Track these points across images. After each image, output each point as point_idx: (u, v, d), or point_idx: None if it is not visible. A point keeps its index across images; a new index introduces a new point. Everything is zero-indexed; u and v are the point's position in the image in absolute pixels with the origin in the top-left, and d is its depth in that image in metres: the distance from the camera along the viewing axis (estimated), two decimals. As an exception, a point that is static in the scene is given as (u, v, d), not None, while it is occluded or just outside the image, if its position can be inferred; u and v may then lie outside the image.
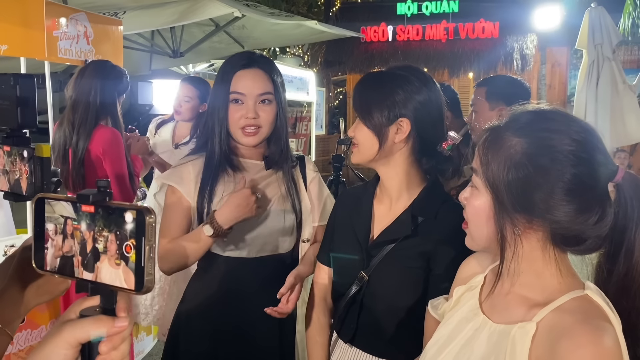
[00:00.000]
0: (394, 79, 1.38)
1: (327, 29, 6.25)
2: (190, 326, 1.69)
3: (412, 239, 1.36)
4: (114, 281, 0.61)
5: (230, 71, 1.62)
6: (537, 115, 0.95)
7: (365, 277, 1.39)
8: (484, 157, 0.94)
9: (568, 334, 0.82)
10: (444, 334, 1.05)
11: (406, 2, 10.56)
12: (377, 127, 1.36)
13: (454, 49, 9.96)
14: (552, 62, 10.04)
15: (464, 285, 1.09)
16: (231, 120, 1.61)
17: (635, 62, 9.24)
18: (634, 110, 5.68)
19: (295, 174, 1.74)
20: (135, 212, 0.59)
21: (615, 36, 5.75)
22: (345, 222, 1.50)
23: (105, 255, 0.61)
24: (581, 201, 0.88)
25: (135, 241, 0.59)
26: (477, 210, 0.96)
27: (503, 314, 0.96)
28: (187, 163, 1.67)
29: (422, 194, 1.40)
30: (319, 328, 1.53)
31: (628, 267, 0.92)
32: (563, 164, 0.88)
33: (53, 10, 3.07)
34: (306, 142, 7.06)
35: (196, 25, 5.93)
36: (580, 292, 0.90)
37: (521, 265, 0.93)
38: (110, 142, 2.65)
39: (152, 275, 0.60)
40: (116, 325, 0.61)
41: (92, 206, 0.62)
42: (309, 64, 12.57)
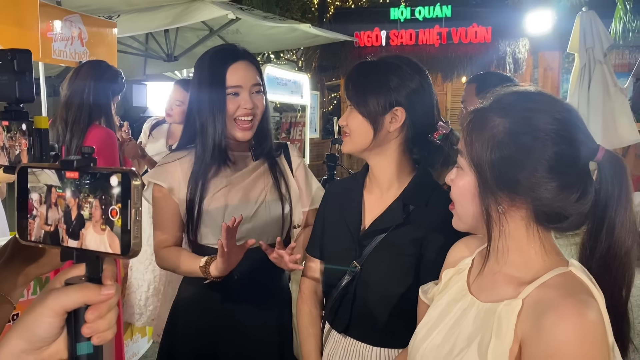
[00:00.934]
0: (388, 68, 1.39)
1: (320, 32, 6.28)
2: (186, 324, 1.68)
3: (404, 227, 1.37)
4: (100, 247, 0.60)
5: (221, 66, 1.61)
6: (520, 95, 0.97)
7: (358, 267, 1.40)
8: (468, 137, 0.96)
9: (552, 308, 0.84)
10: (433, 316, 1.06)
11: (399, 7, 10.62)
12: (372, 115, 1.36)
13: (447, 54, 10.02)
14: (544, 66, 10.11)
15: (453, 268, 1.11)
16: (228, 113, 1.60)
17: (627, 66, 9.32)
18: (626, 113, 5.73)
19: (280, 162, 1.75)
20: (121, 175, 0.58)
21: (607, 40, 5.81)
22: (335, 213, 1.51)
23: (90, 221, 0.60)
24: (562, 178, 0.90)
25: (121, 205, 0.58)
26: (462, 190, 0.99)
27: (490, 293, 0.98)
28: (175, 161, 1.66)
29: (413, 183, 1.42)
30: (311, 320, 1.54)
31: (609, 243, 0.94)
32: (544, 142, 0.90)
33: (47, 12, 3.08)
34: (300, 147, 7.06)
35: (190, 30, 5.95)
36: (565, 269, 0.92)
37: (508, 244, 0.95)
38: (104, 142, 2.63)
39: (139, 239, 0.59)
40: (103, 293, 0.60)
41: (76, 172, 0.61)
42: (303, 69, 12.61)
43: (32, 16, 2.90)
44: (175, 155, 1.68)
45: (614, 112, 5.65)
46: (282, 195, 1.68)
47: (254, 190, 1.65)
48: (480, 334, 0.93)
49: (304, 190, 1.77)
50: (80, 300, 0.59)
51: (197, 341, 1.66)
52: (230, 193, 1.62)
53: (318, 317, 1.55)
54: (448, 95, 11.51)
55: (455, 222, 1.06)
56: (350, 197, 1.48)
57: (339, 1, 13.36)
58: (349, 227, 1.44)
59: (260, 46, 7.81)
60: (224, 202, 1.61)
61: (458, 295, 1.04)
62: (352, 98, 1.40)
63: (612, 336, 0.87)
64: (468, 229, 1.04)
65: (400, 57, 1.44)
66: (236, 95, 1.60)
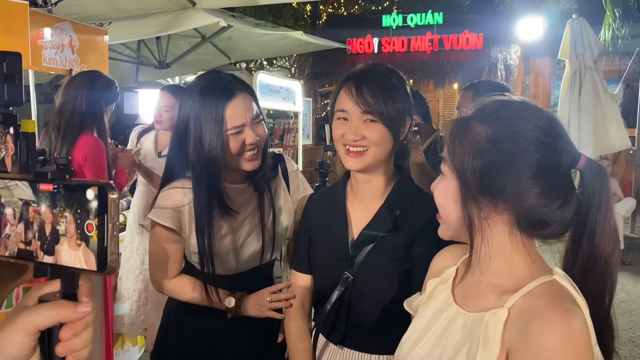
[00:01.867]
0: (395, 77, 1.39)
1: (313, 40, 6.29)
2: (178, 332, 1.68)
3: (393, 233, 1.38)
4: (75, 263, 0.58)
5: (216, 105, 1.51)
6: (503, 103, 0.99)
7: (350, 277, 1.39)
8: (451, 144, 0.97)
9: (539, 316, 0.84)
10: (419, 327, 1.06)
11: (391, 14, 10.67)
12: (396, 126, 1.36)
13: (438, 60, 10.06)
14: (535, 73, 10.18)
15: (437, 277, 1.11)
16: (233, 152, 1.53)
17: (617, 72, 9.40)
18: (616, 119, 5.77)
19: (275, 184, 1.70)
20: (97, 188, 0.56)
21: (596, 47, 5.85)
22: (321, 227, 1.49)
23: (65, 236, 0.58)
24: (544, 185, 0.91)
25: (97, 220, 0.56)
26: (444, 196, 1.00)
27: (476, 302, 0.98)
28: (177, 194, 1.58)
29: (396, 189, 1.42)
30: (300, 335, 1.52)
31: (590, 250, 0.94)
32: (526, 149, 0.91)
33: (37, 20, 3.07)
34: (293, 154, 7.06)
35: (182, 37, 5.94)
36: (549, 277, 0.92)
37: (490, 251, 0.96)
38: (93, 150, 2.64)
39: (116, 255, 0.57)
40: (78, 311, 0.57)
41: (50, 184, 0.59)
42: (296, 75, 12.63)
43: (22, 24, 2.88)
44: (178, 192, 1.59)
45: (604, 118, 5.69)
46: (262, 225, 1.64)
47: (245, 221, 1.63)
48: (467, 344, 0.93)
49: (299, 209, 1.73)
50: (54, 318, 0.57)
51: (191, 349, 1.65)
52: (236, 233, 1.62)
53: (306, 331, 1.53)
54: (440, 102, 11.56)
55: (441, 230, 1.06)
56: (333, 208, 1.47)
57: (332, 8, 13.41)
58: (337, 238, 1.44)
59: (252, 53, 7.81)
60: (233, 243, 1.61)
61: (443, 306, 1.04)
62: (376, 111, 1.33)
63: (597, 344, 0.87)
64: (453, 236, 1.04)
65: (389, 66, 1.44)
66: (239, 134, 1.53)
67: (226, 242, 1.60)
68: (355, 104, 1.34)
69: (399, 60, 10.24)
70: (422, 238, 1.34)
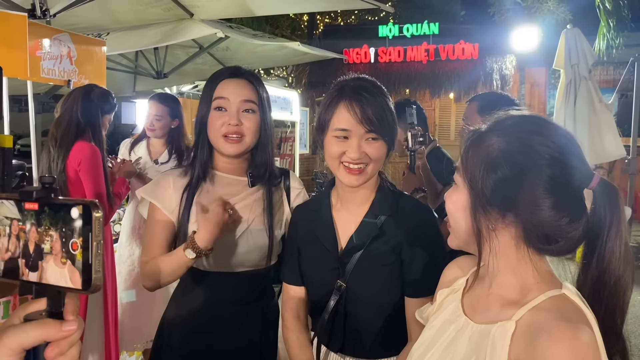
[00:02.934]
0: (383, 92, 1.42)
1: (310, 50, 6.33)
2: (172, 343, 1.68)
3: (380, 238, 1.40)
4: (60, 281, 0.58)
5: (215, 80, 1.61)
6: (521, 118, 0.99)
7: (343, 285, 1.40)
8: (464, 154, 0.99)
9: (546, 331, 0.85)
10: (428, 337, 1.07)
11: (388, 25, 10.75)
12: (393, 141, 1.41)
13: (434, 70, 10.12)
14: (530, 82, 10.24)
15: (447, 288, 1.12)
16: (212, 128, 1.57)
17: (611, 82, 9.46)
18: (611, 128, 5.80)
19: (277, 190, 1.71)
20: (82, 207, 0.57)
21: (591, 56, 5.90)
22: (309, 237, 1.50)
23: (50, 255, 0.58)
24: (553, 201, 0.91)
25: (82, 238, 0.57)
26: (455, 205, 1.01)
27: (484, 314, 0.98)
28: (168, 177, 1.65)
29: (379, 195, 1.45)
30: (300, 346, 1.52)
31: (600, 270, 0.94)
32: (538, 163, 0.91)
33: (36, 31, 3.09)
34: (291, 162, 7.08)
35: (180, 47, 5.97)
36: (558, 292, 0.92)
37: (498, 263, 0.96)
38: (87, 155, 2.66)
39: (101, 273, 0.57)
40: (63, 329, 0.57)
41: (35, 203, 0.59)
42: (293, 85, 12.68)
43: (20, 35, 2.90)
44: (170, 172, 1.68)
45: (600, 127, 5.72)
46: (268, 225, 1.63)
47: (243, 215, 1.62)
48: (474, 356, 0.93)
49: None
50: (39, 337, 0.57)
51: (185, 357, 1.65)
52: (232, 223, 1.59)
53: (306, 341, 1.53)
54: (436, 111, 11.61)
55: (450, 239, 1.07)
56: (320, 218, 1.49)
57: (328, 18, 13.49)
58: (326, 248, 1.45)
59: (250, 63, 7.84)
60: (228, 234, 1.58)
61: (452, 316, 1.05)
62: (380, 130, 1.35)
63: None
64: (461, 246, 1.05)
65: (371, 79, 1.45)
66: (222, 110, 1.57)
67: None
68: (360, 123, 1.34)
69: (395, 70, 10.31)
70: (410, 241, 1.37)
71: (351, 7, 8.92)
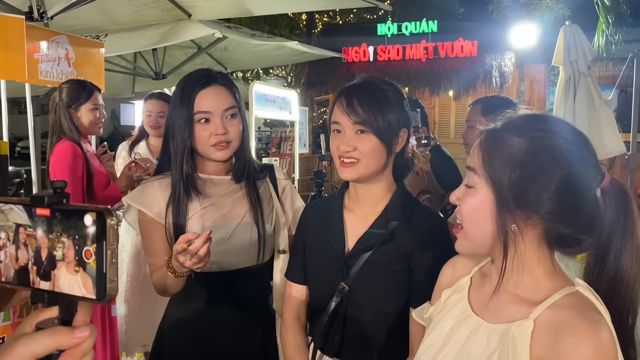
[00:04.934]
0: (389, 89, 1.41)
1: (308, 49, 6.32)
2: (172, 344, 1.68)
3: (389, 244, 1.38)
4: (73, 290, 0.56)
5: (190, 92, 1.59)
6: (530, 117, 1.00)
7: (346, 288, 1.39)
8: (486, 155, 0.97)
9: (568, 329, 0.85)
10: (437, 338, 1.05)
11: (386, 23, 10.73)
12: (388, 138, 1.37)
13: (433, 68, 10.11)
14: (530, 79, 10.22)
15: (450, 287, 1.11)
16: (200, 141, 1.59)
17: (611, 78, 9.44)
18: (611, 125, 5.79)
19: (264, 184, 1.73)
20: (95, 214, 0.55)
21: (590, 53, 5.89)
22: (317, 236, 1.50)
23: (62, 262, 0.57)
24: (576, 199, 0.92)
25: (95, 246, 0.55)
26: (474, 208, 0.98)
27: (497, 313, 0.98)
28: (154, 182, 1.65)
29: (394, 200, 1.43)
30: (297, 348, 1.51)
31: (617, 269, 0.96)
32: (561, 161, 0.92)
33: (34, 33, 3.09)
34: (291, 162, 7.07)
35: (178, 48, 5.97)
36: (572, 289, 0.93)
37: (520, 264, 0.96)
38: (63, 152, 2.65)
39: (115, 283, 0.56)
40: (75, 337, 0.56)
41: (47, 209, 0.58)
42: (293, 84, 12.67)
43: (18, 38, 2.91)
44: (154, 179, 1.68)
45: (599, 123, 5.71)
46: (258, 220, 1.65)
47: (231, 213, 1.63)
48: (495, 355, 0.93)
49: (289, 214, 1.75)
50: (51, 346, 0.56)
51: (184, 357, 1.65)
52: (206, 215, 1.61)
53: (303, 343, 1.52)
54: (436, 109, 11.60)
55: (460, 244, 1.03)
56: (330, 218, 1.47)
57: (327, 17, 13.48)
58: (333, 248, 1.43)
59: (249, 63, 7.85)
60: (201, 225, 1.59)
61: (461, 316, 1.04)
62: (366, 122, 1.35)
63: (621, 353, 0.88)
64: (473, 251, 1.03)
65: (385, 80, 1.45)
66: (207, 122, 1.58)
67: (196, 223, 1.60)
68: (346, 115, 1.36)
69: (394, 69, 10.30)
70: (421, 251, 1.34)
71: (349, 5, 8.93)
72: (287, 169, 6.70)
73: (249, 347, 1.65)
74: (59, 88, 2.82)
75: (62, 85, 2.83)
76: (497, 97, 3.05)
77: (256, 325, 1.68)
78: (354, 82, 1.44)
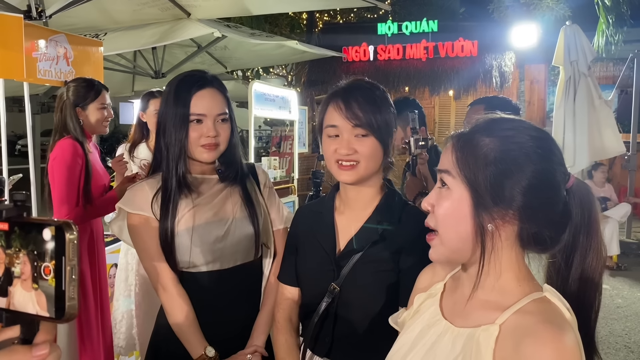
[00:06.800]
0: (379, 90, 1.42)
1: (308, 49, 6.32)
2: (169, 343, 1.68)
3: (380, 245, 1.38)
4: (29, 308, 0.54)
5: (186, 93, 1.60)
6: (495, 119, 1.01)
7: (337, 289, 1.40)
8: (460, 154, 0.97)
9: (531, 334, 0.85)
10: (406, 342, 1.06)
11: (386, 22, 10.74)
12: (386, 139, 1.38)
13: (434, 68, 10.12)
14: (530, 79, 10.23)
15: (425, 292, 1.11)
16: (191, 140, 1.60)
17: (611, 78, 9.44)
18: (611, 125, 5.79)
19: (249, 183, 1.75)
20: (54, 228, 0.52)
21: (590, 53, 5.88)
22: (308, 238, 1.51)
23: (19, 279, 0.54)
24: (549, 194, 0.93)
25: (55, 262, 0.52)
26: (450, 210, 0.97)
27: (465, 318, 0.98)
28: (144, 184, 1.65)
29: (384, 201, 1.44)
30: (288, 349, 1.52)
31: (582, 268, 0.97)
32: (531, 157, 0.93)
33: (32, 32, 3.09)
34: (291, 161, 7.07)
35: (178, 46, 5.97)
36: (539, 294, 0.93)
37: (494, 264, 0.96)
38: (63, 150, 2.62)
39: (75, 300, 0.53)
40: (34, 355, 0.54)
41: (6, 223, 0.55)
42: (293, 83, 12.68)
43: (16, 37, 2.90)
44: (142, 181, 1.68)
45: (599, 124, 5.71)
46: (251, 213, 1.68)
47: (223, 210, 1.65)
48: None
49: (270, 208, 1.77)
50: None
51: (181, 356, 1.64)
52: (197, 214, 1.61)
53: (295, 344, 1.52)
54: (436, 109, 11.60)
55: (435, 251, 1.01)
56: (321, 220, 1.48)
57: (327, 16, 13.48)
58: (324, 249, 1.44)
59: (248, 62, 7.85)
60: (192, 224, 1.60)
61: (432, 320, 1.04)
62: (366, 124, 1.35)
63: None
64: (448, 256, 1.00)
65: (371, 80, 1.46)
66: (199, 123, 1.60)
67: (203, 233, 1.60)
68: (346, 119, 1.36)
69: (394, 68, 10.30)
70: (410, 251, 1.35)
71: (350, 5, 8.92)
72: (286, 168, 6.69)
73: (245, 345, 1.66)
74: (66, 86, 2.79)
75: (70, 84, 2.80)
76: (496, 97, 3.05)
77: (253, 319, 1.69)
78: (344, 84, 1.44)
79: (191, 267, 1.61)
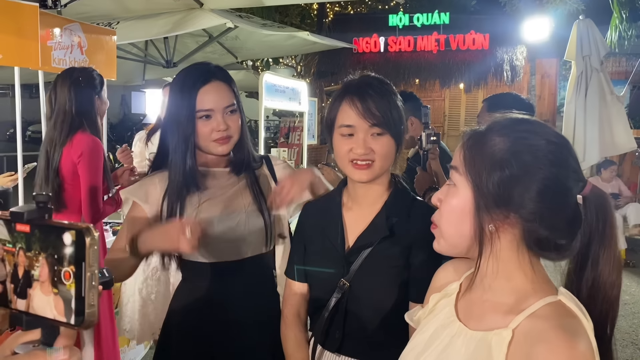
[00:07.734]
0: (391, 87, 1.42)
1: (319, 40, 6.30)
2: (181, 329, 1.70)
3: (389, 240, 1.39)
4: (47, 312, 0.53)
5: (192, 88, 1.59)
6: (516, 120, 1.00)
7: (347, 284, 1.40)
8: (468, 152, 0.97)
9: (544, 339, 0.85)
10: (421, 342, 1.06)
11: (398, 14, 10.68)
12: (400, 137, 1.39)
13: (444, 60, 10.07)
14: (541, 73, 10.15)
15: (439, 292, 1.11)
16: (202, 136, 1.60)
17: (623, 74, 9.37)
18: (622, 121, 5.75)
19: (261, 174, 1.75)
20: (75, 232, 0.51)
21: (603, 48, 5.83)
22: (316, 234, 1.51)
23: (38, 282, 0.53)
24: (556, 201, 0.92)
25: (74, 267, 0.51)
26: (453, 207, 0.98)
27: (479, 320, 0.98)
28: (154, 177, 1.65)
29: (392, 196, 1.44)
30: (297, 345, 1.53)
31: (594, 276, 0.95)
32: (543, 162, 0.91)
33: (47, 21, 3.11)
34: (299, 152, 7.07)
35: (189, 36, 5.98)
36: (554, 298, 0.92)
37: (497, 267, 0.96)
38: (90, 147, 2.57)
39: (95, 307, 0.52)
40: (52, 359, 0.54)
41: (27, 225, 0.54)
42: (302, 74, 12.65)
43: (32, 26, 2.92)
44: (155, 173, 1.68)
45: (610, 119, 5.67)
46: (261, 207, 1.68)
47: (234, 203, 1.65)
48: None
49: None
50: None
51: (193, 345, 1.67)
52: (210, 207, 1.62)
53: (304, 340, 1.53)
54: (446, 102, 11.56)
55: (437, 243, 1.04)
56: (329, 216, 1.48)
57: (338, 7, 13.42)
58: (333, 245, 1.45)
59: (259, 52, 7.84)
60: (204, 216, 1.61)
61: (446, 321, 1.03)
62: (383, 124, 1.35)
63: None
64: (450, 250, 1.03)
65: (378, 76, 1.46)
66: (208, 118, 1.60)
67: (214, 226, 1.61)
68: (363, 118, 1.35)
69: (405, 60, 10.26)
70: (420, 246, 1.35)
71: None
72: (295, 159, 6.69)
73: (260, 334, 1.67)
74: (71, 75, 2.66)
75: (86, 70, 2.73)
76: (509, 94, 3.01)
77: (265, 311, 1.70)
78: (355, 81, 1.43)
79: (200, 258, 1.63)
